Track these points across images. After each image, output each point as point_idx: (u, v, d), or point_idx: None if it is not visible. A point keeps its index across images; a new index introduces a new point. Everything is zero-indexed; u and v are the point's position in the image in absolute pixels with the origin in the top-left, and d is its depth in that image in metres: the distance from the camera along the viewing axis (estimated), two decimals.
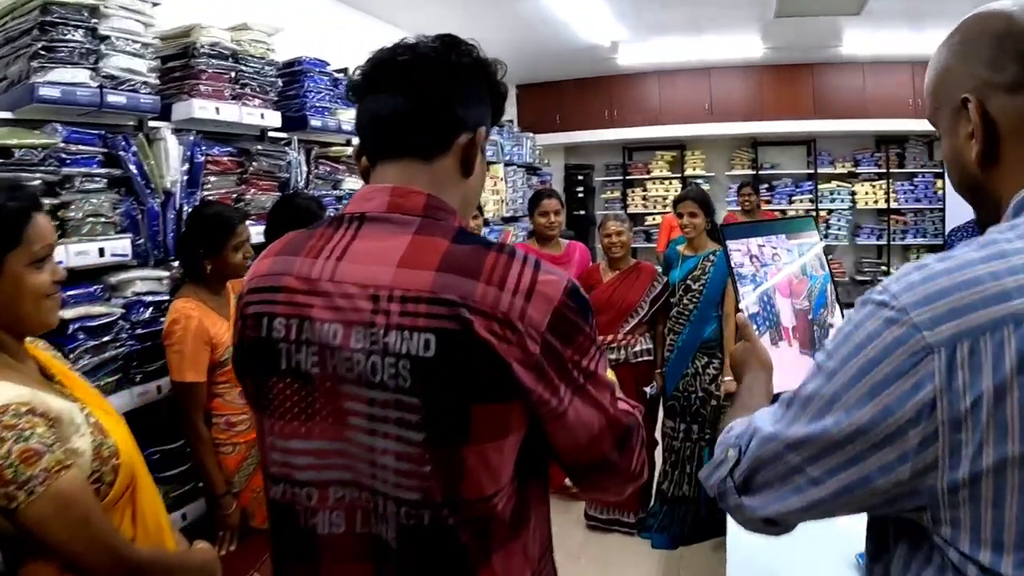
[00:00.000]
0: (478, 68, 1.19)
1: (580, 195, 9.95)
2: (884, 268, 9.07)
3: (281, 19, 3.83)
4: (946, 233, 7.54)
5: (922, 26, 7.06)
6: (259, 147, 3.47)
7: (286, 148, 3.66)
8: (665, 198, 9.65)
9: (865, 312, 0.85)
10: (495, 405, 1.01)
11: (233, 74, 3.39)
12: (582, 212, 9.85)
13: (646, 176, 9.95)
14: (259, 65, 3.53)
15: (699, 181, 9.31)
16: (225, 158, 3.31)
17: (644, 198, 9.93)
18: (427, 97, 1.13)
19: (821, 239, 1.15)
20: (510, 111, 9.18)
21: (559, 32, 7.19)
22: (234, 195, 3.38)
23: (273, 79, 3.61)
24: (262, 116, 3.50)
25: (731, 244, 1.18)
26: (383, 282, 1.04)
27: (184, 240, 2.76)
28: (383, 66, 1.18)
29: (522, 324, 1.01)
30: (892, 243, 9.11)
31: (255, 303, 1.15)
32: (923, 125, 5.87)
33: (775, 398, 1.14)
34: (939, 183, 8.78)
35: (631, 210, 9.83)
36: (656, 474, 4.25)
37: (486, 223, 6.64)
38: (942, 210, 8.75)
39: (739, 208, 6.89)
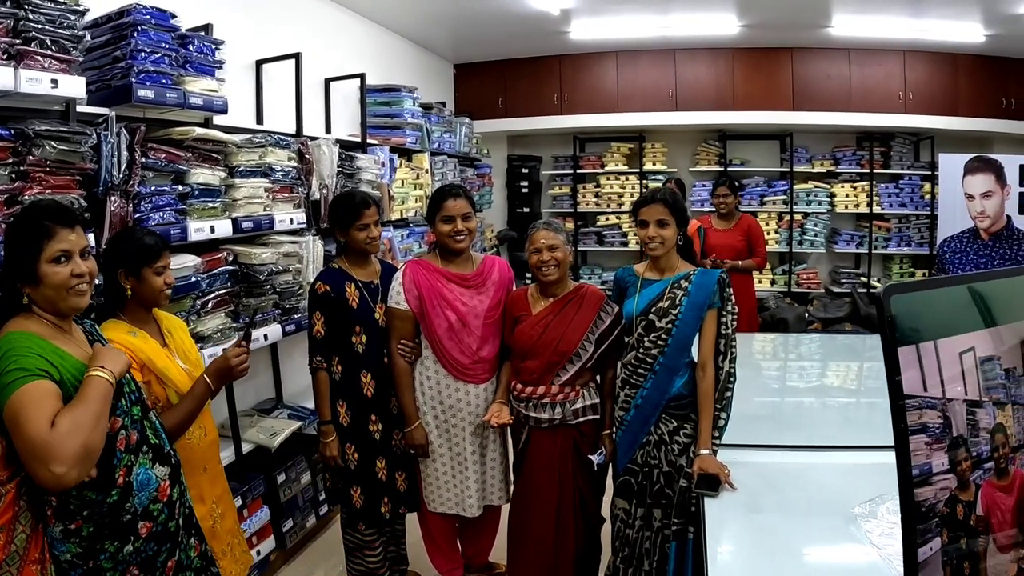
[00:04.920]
0: None
1: (524, 190, 9.30)
2: (863, 279, 8.64)
3: None
4: (937, 243, 7.02)
5: (923, 10, 6.55)
6: (43, 127, 2.51)
7: (89, 129, 2.70)
8: (620, 195, 9.09)
9: None
10: None
11: (9, 23, 2.52)
12: (526, 210, 9.24)
13: (599, 170, 9.26)
14: (55, 12, 2.59)
15: (660, 177, 8.67)
16: None
17: (596, 195, 9.27)
18: None
19: None
20: (445, 94, 8.41)
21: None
22: (4, 196, 2.45)
23: (78, 33, 2.68)
24: (54, 83, 2.58)
25: None
26: None
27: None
28: None
29: None
30: (873, 251, 8.66)
31: None
32: (912, 121, 5.22)
33: None
34: (927, 186, 8.39)
35: (581, 208, 9.29)
36: (603, 569, 3.37)
37: (405, 224, 5.81)
38: (929, 216, 8.34)
39: (713, 211, 6.05)
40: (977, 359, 0.64)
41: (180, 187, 3.24)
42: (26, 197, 2.48)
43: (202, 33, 3.57)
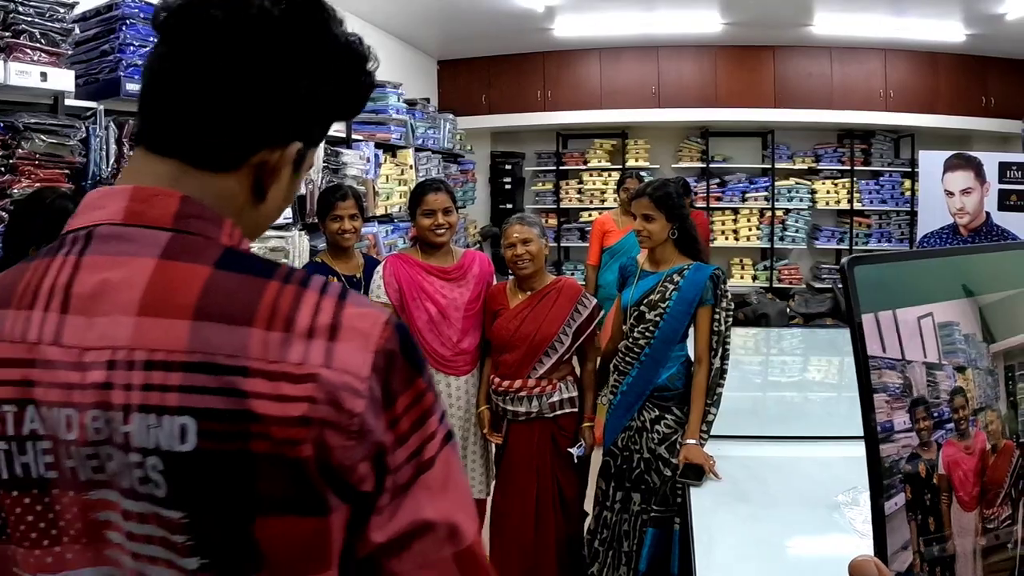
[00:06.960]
0: (330, 50, 0.86)
1: (507, 186, 9.32)
2: None
3: None
4: (917, 239, 7.13)
5: (904, 9, 6.65)
6: (32, 120, 2.54)
7: (78, 122, 2.73)
8: (603, 192, 9.12)
9: None
10: (294, 518, 0.71)
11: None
12: (509, 206, 9.22)
13: (582, 167, 9.32)
14: (44, 5, 2.61)
15: (643, 174, 8.67)
16: None
17: (579, 191, 9.32)
18: (232, 81, 0.76)
19: None
20: (429, 90, 8.45)
21: None
22: None
23: (67, 26, 2.70)
24: (43, 76, 2.60)
25: None
26: (120, 341, 0.71)
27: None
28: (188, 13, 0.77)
29: (329, 375, 0.70)
30: (854, 247, 8.76)
31: None
32: (892, 119, 5.35)
33: None
34: (907, 183, 8.52)
35: (564, 204, 9.35)
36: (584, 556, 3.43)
37: (389, 219, 5.85)
38: (909, 213, 8.47)
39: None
40: (936, 324, 0.69)
41: None
42: (15, 191, 2.51)
43: None
